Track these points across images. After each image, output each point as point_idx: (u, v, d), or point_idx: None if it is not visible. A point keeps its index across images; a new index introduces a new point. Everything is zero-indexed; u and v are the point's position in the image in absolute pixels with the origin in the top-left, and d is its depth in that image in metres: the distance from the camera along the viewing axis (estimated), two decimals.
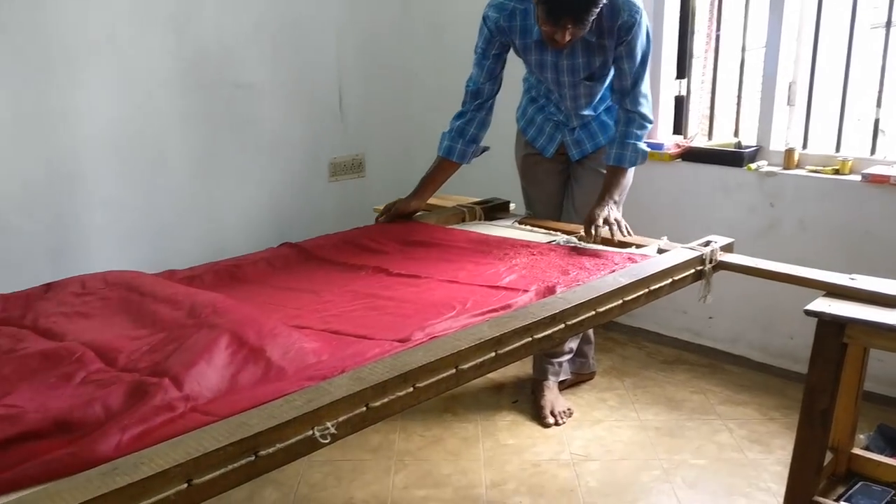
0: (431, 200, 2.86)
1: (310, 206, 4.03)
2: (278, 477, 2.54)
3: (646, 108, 2.63)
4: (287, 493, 2.49)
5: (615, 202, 2.59)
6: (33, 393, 1.43)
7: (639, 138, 2.63)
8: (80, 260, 3.23)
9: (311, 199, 4.03)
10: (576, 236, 2.50)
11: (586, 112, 2.79)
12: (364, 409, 1.50)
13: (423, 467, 2.65)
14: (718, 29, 3.48)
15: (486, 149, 2.78)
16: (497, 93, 2.73)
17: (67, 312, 1.80)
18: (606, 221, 2.47)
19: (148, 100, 3.36)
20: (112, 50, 3.21)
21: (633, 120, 2.62)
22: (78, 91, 3.15)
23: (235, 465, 1.30)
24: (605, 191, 2.59)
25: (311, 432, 1.41)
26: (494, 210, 2.87)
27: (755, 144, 3.38)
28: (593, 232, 2.44)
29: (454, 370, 1.66)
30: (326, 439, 1.43)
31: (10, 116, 2.99)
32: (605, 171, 2.70)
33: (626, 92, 2.59)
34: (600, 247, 2.42)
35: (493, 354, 1.74)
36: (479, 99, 2.69)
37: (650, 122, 2.66)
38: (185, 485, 1.23)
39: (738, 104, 3.46)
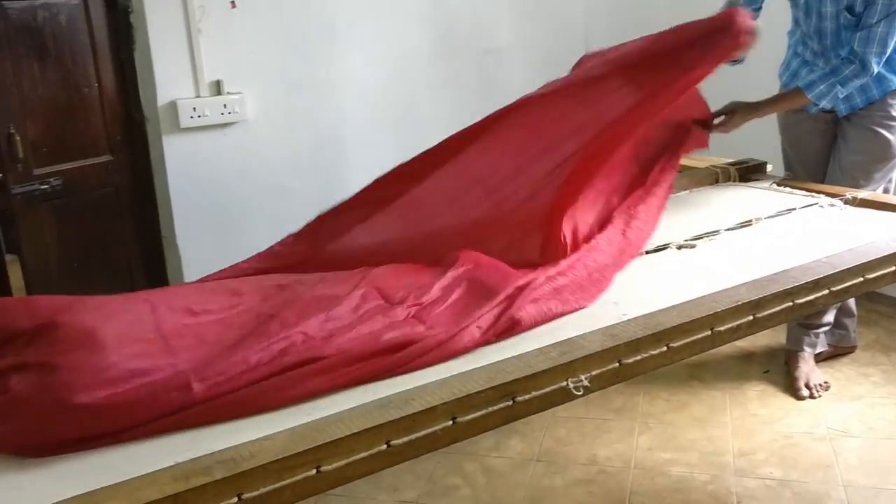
0: (682, 161, 2.78)
1: None
2: (524, 429, 2.63)
3: (871, 55, 2.37)
4: (532, 444, 2.57)
5: (756, 112, 2.53)
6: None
7: (843, 82, 2.42)
8: None
9: None
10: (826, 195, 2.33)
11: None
12: (617, 364, 1.51)
13: (668, 431, 2.62)
14: None
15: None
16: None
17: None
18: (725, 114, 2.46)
19: (403, 67, 3.54)
20: (372, 20, 3.42)
21: (851, 61, 2.41)
22: (341, 61, 3.39)
23: (494, 407, 1.37)
24: (766, 101, 2.56)
25: (564, 383, 1.45)
26: (750, 171, 2.74)
27: None
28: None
29: (709, 332, 1.63)
30: (579, 391, 1.47)
31: (284, 88, 3.28)
32: (878, 129, 2.49)
33: (861, 28, 2.38)
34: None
35: (750, 318, 1.69)
36: None
37: (867, 72, 2.40)
38: (451, 422, 1.32)
39: None
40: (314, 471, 1.20)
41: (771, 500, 2.26)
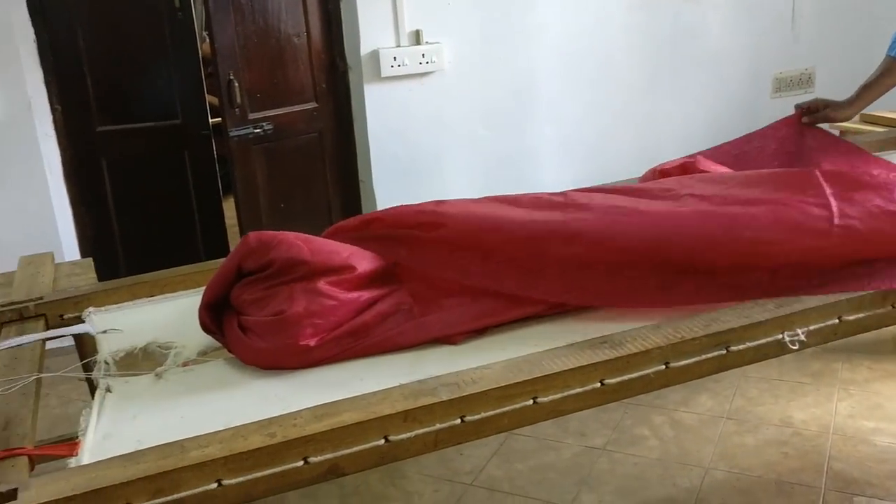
0: (886, 114, 2.61)
1: (748, 123, 3.83)
2: (714, 387, 2.58)
3: None
4: (722, 402, 2.52)
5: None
6: None
7: None
8: (528, 166, 3.53)
9: (750, 117, 3.87)
10: None
11: None
12: (836, 321, 1.46)
13: (872, 400, 2.49)
14: None
15: None
16: None
17: None
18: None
19: (598, 17, 3.49)
20: None
21: None
22: (536, 11, 3.38)
23: (708, 355, 1.37)
24: None
25: (780, 336, 1.42)
26: None
27: None
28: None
29: None
30: (795, 345, 1.43)
31: (480, 38, 3.32)
32: None
33: None
34: None
35: None
36: None
37: None
38: (663, 366, 1.33)
39: None
40: (531, 401, 1.25)
41: None
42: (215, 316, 1.46)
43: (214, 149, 3.25)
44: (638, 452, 2.31)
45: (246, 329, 1.39)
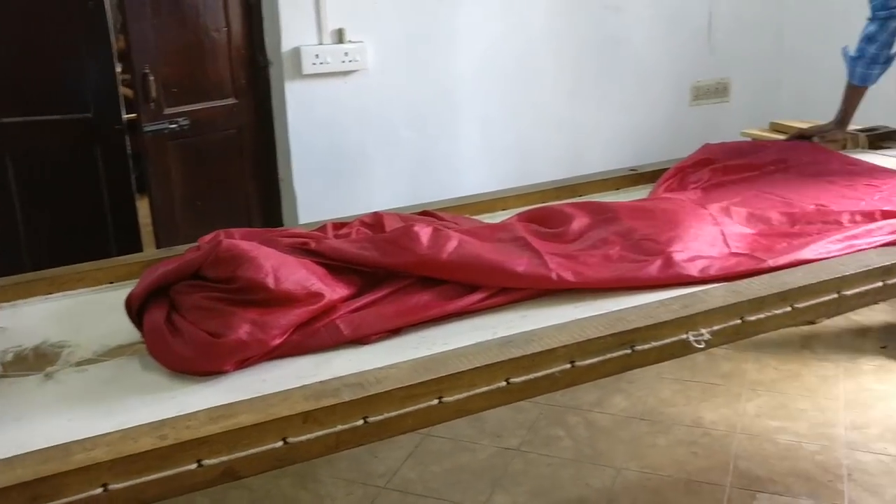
0: (808, 126, 2.70)
1: (669, 129, 3.96)
2: (628, 388, 2.62)
3: None
4: (636, 403, 2.56)
5: None
6: None
7: None
8: (452, 168, 3.52)
9: (670, 123, 3.96)
10: None
11: None
12: (739, 321, 1.49)
13: (777, 399, 2.57)
14: None
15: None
16: None
17: None
18: None
19: (521, 22, 3.50)
20: None
21: None
22: (459, 14, 3.38)
23: (613, 354, 1.38)
24: None
25: (685, 336, 1.44)
26: (881, 139, 2.62)
27: None
28: None
29: (835, 295, 1.59)
30: (700, 345, 1.45)
31: (404, 39, 3.30)
32: None
33: None
34: None
35: (879, 284, 1.64)
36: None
37: None
38: (569, 365, 1.34)
39: None
40: (436, 401, 1.24)
41: (884, 475, 2.19)
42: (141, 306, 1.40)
43: (128, 144, 3.14)
44: (552, 453, 2.32)
45: (177, 329, 1.34)
